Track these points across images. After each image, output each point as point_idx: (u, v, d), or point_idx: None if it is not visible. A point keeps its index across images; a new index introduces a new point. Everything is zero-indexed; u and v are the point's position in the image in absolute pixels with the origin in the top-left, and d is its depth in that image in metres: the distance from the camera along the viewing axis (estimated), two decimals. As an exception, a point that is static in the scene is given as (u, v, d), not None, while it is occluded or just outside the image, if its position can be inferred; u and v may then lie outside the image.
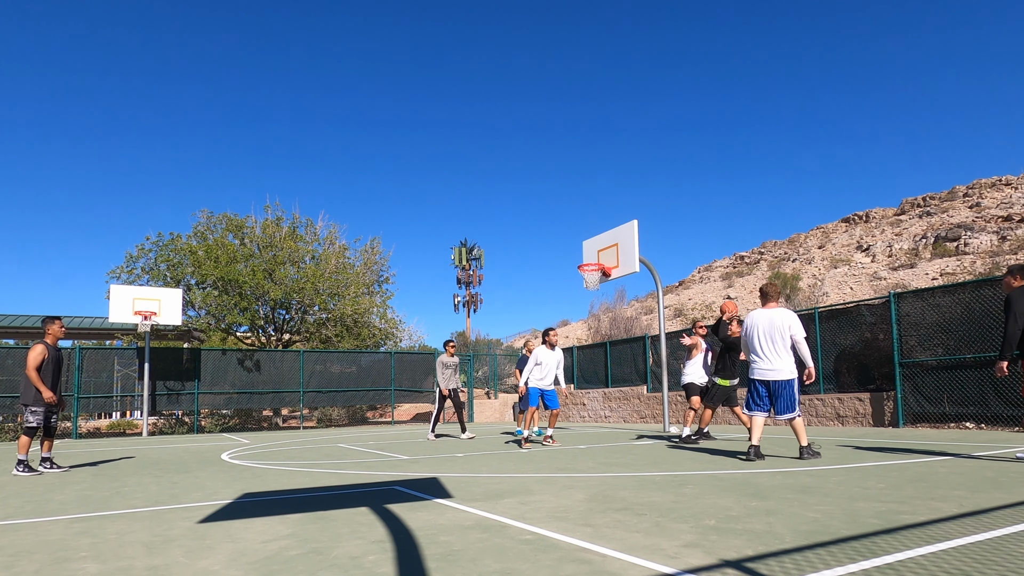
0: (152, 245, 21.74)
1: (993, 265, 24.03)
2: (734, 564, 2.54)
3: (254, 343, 23.38)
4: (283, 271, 21.98)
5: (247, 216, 23.08)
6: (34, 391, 7.17)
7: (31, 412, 7.18)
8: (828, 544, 2.82)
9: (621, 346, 18.83)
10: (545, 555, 2.79)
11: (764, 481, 4.93)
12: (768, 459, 6.53)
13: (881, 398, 11.60)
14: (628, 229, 12.78)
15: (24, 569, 2.82)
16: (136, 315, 15.83)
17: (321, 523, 3.68)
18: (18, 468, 7.11)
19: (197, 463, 8.04)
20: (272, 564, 2.77)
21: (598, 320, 31.73)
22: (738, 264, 46.05)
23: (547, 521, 3.55)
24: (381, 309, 24.47)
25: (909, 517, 3.36)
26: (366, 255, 25.09)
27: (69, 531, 3.69)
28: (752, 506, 3.83)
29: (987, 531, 2.99)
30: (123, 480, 6.36)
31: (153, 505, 4.61)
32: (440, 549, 2.95)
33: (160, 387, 17.14)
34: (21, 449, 7.19)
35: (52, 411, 7.40)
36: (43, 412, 7.26)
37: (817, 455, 6.41)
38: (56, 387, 7.38)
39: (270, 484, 5.65)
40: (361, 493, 4.90)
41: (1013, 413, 9.74)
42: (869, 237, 36.90)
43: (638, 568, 2.53)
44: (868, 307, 12.31)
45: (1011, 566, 2.39)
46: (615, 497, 4.32)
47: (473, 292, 48.20)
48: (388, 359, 20.53)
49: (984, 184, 36.29)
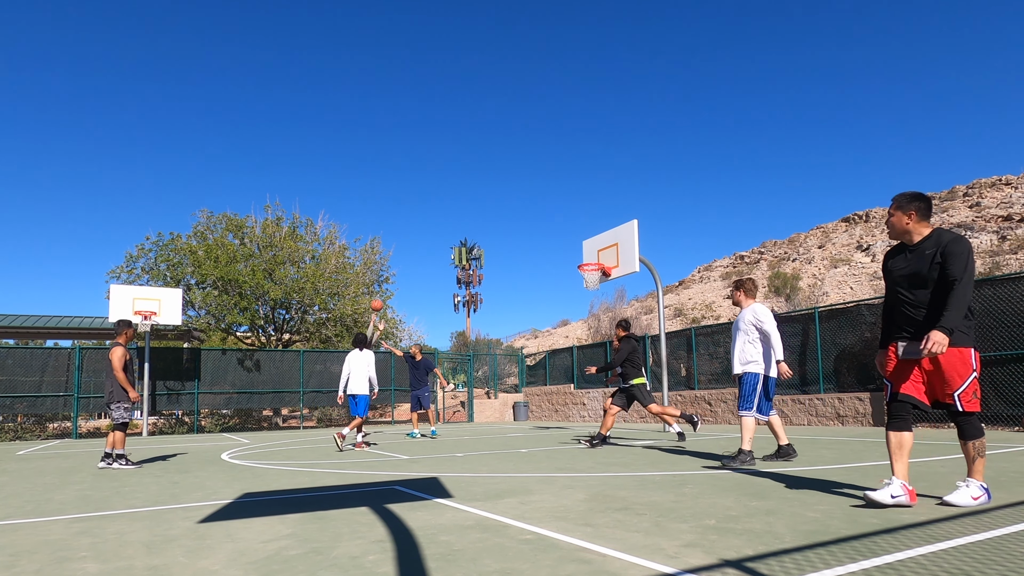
0: (152, 245, 21.77)
1: (993, 265, 24.03)
2: (734, 564, 2.54)
3: (254, 343, 23.38)
4: (283, 271, 21.99)
5: (247, 216, 23.11)
6: (121, 388, 7.63)
7: (124, 409, 7.64)
8: (828, 544, 2.82)
9: (621, 346, 18.81)
10: (545, 555, 2.79)
11: (764, 481, 4.93)
12: (765, 459, 6.52)
13: (881, 398, 11.60)
14: (628, 229, 12.77)
15: (24, 569, 2.82)
16: (136, 315, 15.83)
17: (321, 523, 3.68)
18: (120, 462, 7.63)
19: (197, 463, 8.04)
20: (272, 564, 2.77)
21: (598, 320, 31.75)
22: (738, 264, 46.06)
23: (547, 521, 3.55)
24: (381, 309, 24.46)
25: (909, 517, 3.36)
26: (366, 255, 25.10)
27: (69, 531, 3.69)
28: (752, 506, 3.83)
29: (987, 531, 2.99)
30: (123, 480, 6.36)
31: (153, 505, 4.61)
32: (440, 549, 2.95)
33: (160, 387, 17.14)
34: (119, 444, 7.68)
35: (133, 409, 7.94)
36: (131, 407, 7.77)
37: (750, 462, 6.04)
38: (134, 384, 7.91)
39: (270, 484, 5.65)
40: (361, 493, 4.90)
41: (1013, 413, 9.74)
42: (869, 237, 36.92)
43: (638, 568, 2.53)
44: (868, 307, 12.31)
45: (1011, 566, 2.39)
46: (615, 497, 4.32)
47: (473, 292, 48.22)
48: (388, 359, 20.53)
49: (984, 184, 36.31)
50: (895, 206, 3.86)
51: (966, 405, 3.60)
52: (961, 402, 3.59)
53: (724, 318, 30.98)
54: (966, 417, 3.63)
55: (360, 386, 10.02)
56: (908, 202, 3.82)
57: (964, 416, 3.63)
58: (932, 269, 3.65)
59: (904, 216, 3.82)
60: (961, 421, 3.66)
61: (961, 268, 3.55)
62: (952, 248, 3.62)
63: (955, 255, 3.59)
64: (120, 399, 7.62)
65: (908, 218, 3.81)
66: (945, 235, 3.73)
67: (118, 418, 7.63)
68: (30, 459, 9.56)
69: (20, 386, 15.83)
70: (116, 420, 7.65)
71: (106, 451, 7.73)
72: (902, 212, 3.82)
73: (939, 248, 3.66)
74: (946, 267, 3.60)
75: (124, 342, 7.82)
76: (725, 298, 35.56)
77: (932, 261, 3.65)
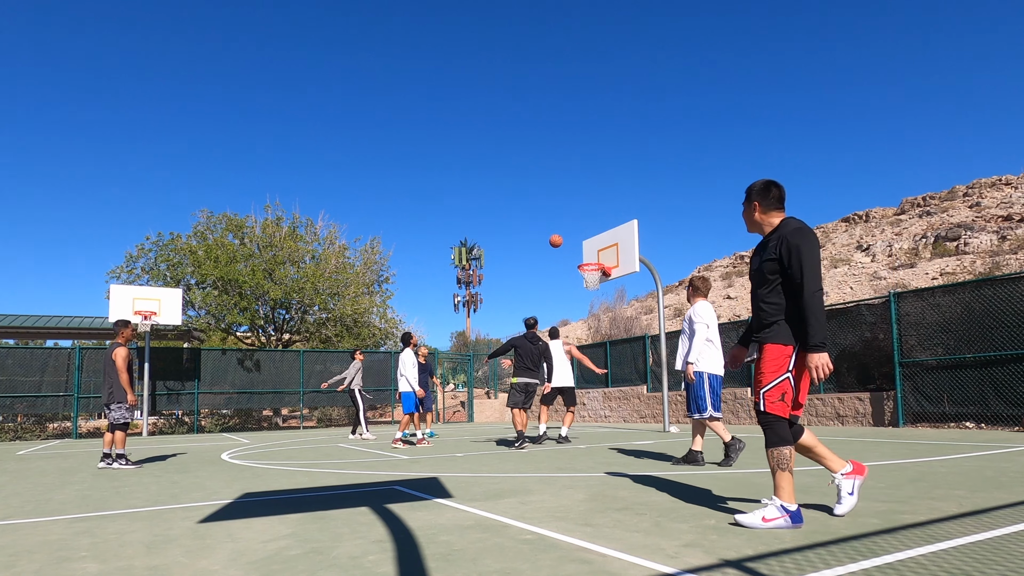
0: (152, 245, 21.77)
1: (993, 265, 24.03)
2: (734, 564, 2.54)
3: (254, 343, 23.38)
4: (283, 271, 21.99)
5: (247, 216, 23.11)
6: (122, 388, 7.63)
7: (126, 409, 7.66)
8: (828, 544, 2.82)
9: (621, 346, 18.83)
10: (545, 555, 2.79)
11: (764, 481, 4.93)
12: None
13: (881, 398, 11.60)
14: (628, 229, 12.78)
15: (24, 569, 2.82)
16: (136, 315, 15.84)
17: (321, 523, 3.68)
18: (120, 462, 7.61)
19: (197, 463, 8.04)
20: (272, 564, 2.77)
21: (598, 320, 31.75)
22: (738, 264, 46.05)
23: (547, 521, 3.55)
24: (381, 309, 24.48)
25: (909, 517, 3.36)
26: (366, 255, 25.10)
27: (69, 531, 3.69)
28: (752, 506, 3.82)
29: (987, 531, 2.98)
30: (123, 480, 6.36)
31: (153, 505, 4.61)
32: (440, 549, 2.95)
33: (160, 387, 17.15)
34: (119, 444, 7.67)
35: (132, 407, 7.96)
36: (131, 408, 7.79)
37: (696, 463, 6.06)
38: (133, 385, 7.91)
39: (270, 484, 5.65)
40: (361, 493, 4.90)
41: (1013, 413, 9.74)
42: (869, 237, 36.91)
43: (638, 568, 2.53)
44: (868, 307, 12.31)
45: (1011, 566, 2.39)
46: (615, 497, 4.32)
47: (473, 292, 48.26)
48: (388, 359, 20.53)
49: (984, 184, 36.30)
50: (745, 197, 3.52)
51: (768, 406, 3.24)
52: (765, 401, 3.25)
53: (724, 318, 30.98)
54: (766, 419, 3.25)
55: (401, 384, 10.14)
56: (755, 191, 3.46)
57: (765, 418, 3.26)
58: (772, 263, 3.28)
59: (750, 207, 3.48)
60: (763, 423, 3.28)
61: (801, 267, 3.16)
62: (792, 240, 3.22)
63: (794, 250, 3.19)
64: (120, 399, 7.62)
65: (752, 208, 3.47)
66: (789, 224, 3.33)
67: (118, 418, 7.63)
68: (30, 459, 9.56)
69: (20, 386, 15.83)
70: (115, 420, 7.64)
71: (105, 451, 7.72)
72: (749, 202, 3.49)
73: (780, 241, 3.28)
74: (790, 265, 3.21)
75: (125, 342, 7.82)
76: (725, 298, 35.57)
77: (772, 255, 3.29)
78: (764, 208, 3.45)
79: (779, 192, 3.46)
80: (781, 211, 3.45)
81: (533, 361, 9.14)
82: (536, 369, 9.15)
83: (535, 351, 9.17)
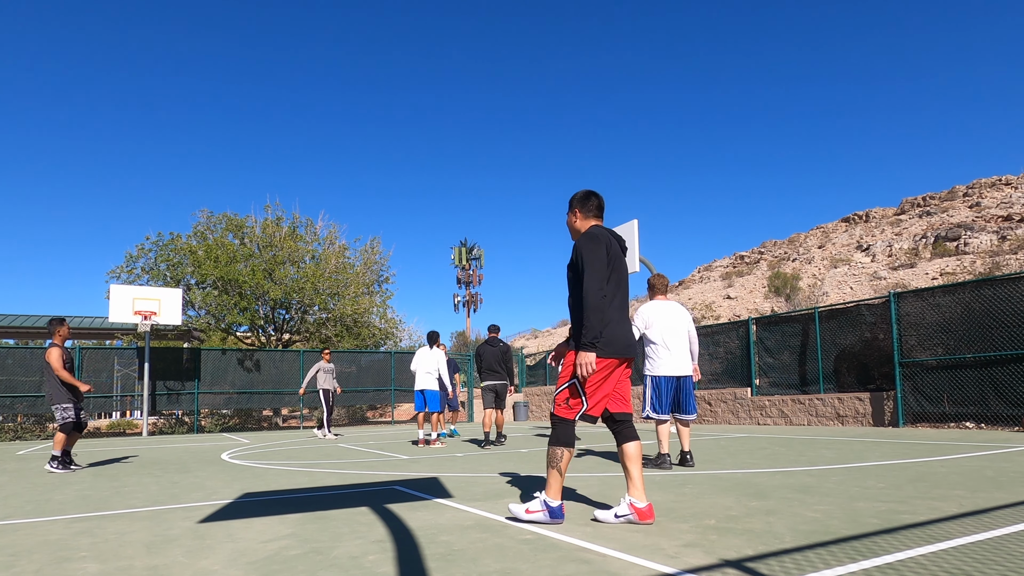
0: (152, 245, 21.76)
1: (993, 265, 24.03)
2: (734, 564, 2.54)
3: (254, 343, 23.38)
4: (283, 271, 21.99)
5: (247, 216, 23.11)
6: (64, 390, 7.47)
7: (64, 409, 7.46)
8: (828, 544, 2.82)
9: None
10: (545, 555, 2.79)
11: (764, 481, 4.93)
12: (767, 458, 6.52)
13: (881, 398, 11.60)
14: (628, 229, 12.77)
15: (24, 569, 2.82)
16: (136, 315, 15.83)
17: (321, 523, 3.68)
18: (51, 464, 7.38)
19: (197, 463, 8.04)
20: (272, 564, 2.77)
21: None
22: (738, 264, 46.06)
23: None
24: (381, 309, 24.48)
25: (909, 517, 3.36)
26: (366, 255, 25.11)
27: (69, 531, 3.69)
28: (752, 506, 3.83)
29: (987, 531, 2.99)
30: (123, 480, 6.36)
31: (153, 505, 4.61)
32: (440, 549, 2.95)
33: (160, 387, 17.14)
34: (56, 445, 7.45)
35: (80, 407, 7.68)
36: (74, 408, 7.55)
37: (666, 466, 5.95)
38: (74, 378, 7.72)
39: (270, 484, 5.65)
40: (361, 493, 4.90)
41: (1013, 413, 9.74)
42: (869, 237, 36.91)
43: (638, 568, 2.53)
44: (868, 307, 12.31)
45: (1011, 566, 2.39)
46: (615, 497, 4.31)
47: (473, 292, 48.24)
48: (388, 359, 20.53)
49: (984, 184, 36.29)
50: (568, 206, 3.65)
51: (556, 408, 3.39)
52: (554, 403, 3.41)
53: (724, 318, 30.98)
54: (552, 420, 3.41)
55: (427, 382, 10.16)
56: (576, 200, 3.60)
57: (552, 418, 3.41)
58: (571, 269, 3.42)
59: (572, 215, 3.61)
60: (551, 423, 3.43)
61: (582, 267, 3.26)
62: (577, 244, 3.38)
63: (577, 252, 3.34)
64: (59, 400, 7.41)
65: (574, 216, 3.59)
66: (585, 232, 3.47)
67: (60, 419, 7.43)
68: (30, 459, 9.56)
69: (20, 386, 15.82)
70: (59, 421, 7.44)
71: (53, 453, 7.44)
72: (571, 211, 3.61)
73: (574, 247, 3.42)
74: (581, 268, 3.31)
75: (60, 341, 7.62)
76: (725, 298, 35.58)
77: (571, 261, 3.42)
78: (583, 216, 3.58)
79: (598, 201, 3.60)
80: (599, 220, 3.59)
81: (491, 365, 9.89)
82: (499, 371, 9.88)
83: (496, 353, 9.93)
